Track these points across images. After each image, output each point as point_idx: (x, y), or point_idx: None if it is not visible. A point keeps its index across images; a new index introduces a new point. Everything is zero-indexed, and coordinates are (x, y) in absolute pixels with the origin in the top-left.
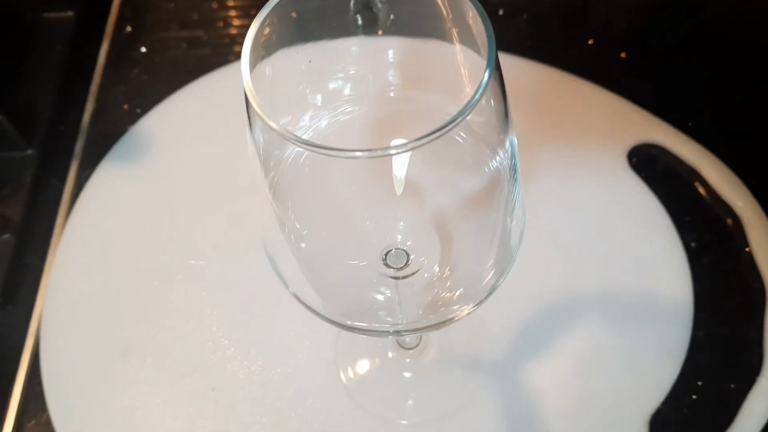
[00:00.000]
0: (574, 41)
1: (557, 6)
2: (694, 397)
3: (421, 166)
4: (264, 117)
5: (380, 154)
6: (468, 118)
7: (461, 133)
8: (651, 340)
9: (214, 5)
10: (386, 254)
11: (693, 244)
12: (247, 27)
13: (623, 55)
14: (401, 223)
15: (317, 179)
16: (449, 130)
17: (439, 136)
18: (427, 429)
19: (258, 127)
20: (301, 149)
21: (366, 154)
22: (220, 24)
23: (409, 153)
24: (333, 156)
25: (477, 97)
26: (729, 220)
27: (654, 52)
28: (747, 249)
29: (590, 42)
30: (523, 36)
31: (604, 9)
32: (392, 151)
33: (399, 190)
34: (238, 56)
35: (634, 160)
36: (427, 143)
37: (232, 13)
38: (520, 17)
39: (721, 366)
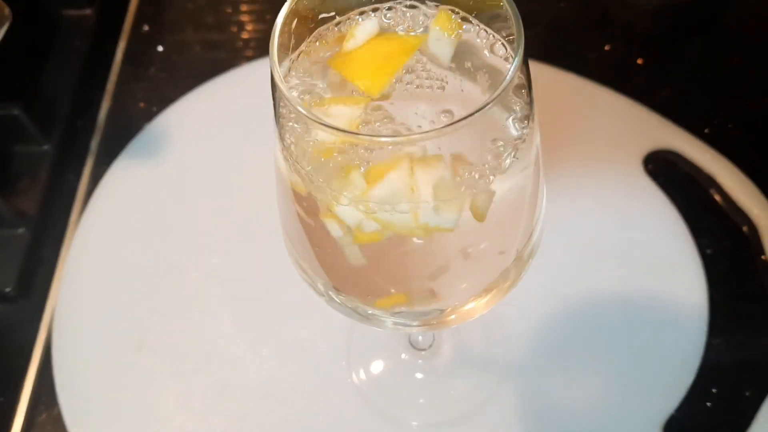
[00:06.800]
0: (591, 47)
1: (575, 12)
2: (708, 404)
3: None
4: (291, 99)
5: (409, 140)
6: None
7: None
8: (666, 346)
9: (229, 9)
10: None
11: (709, 251)
12: (260, 32)
13: (640, 61)
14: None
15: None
16: (486, 110)
17: (466, 121)
18: (439, 431)
19: (283, 112)
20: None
21: (392, 140)
22: (234, 28)
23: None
24: (360, 140)
25: (509, 77)
26: (745, 227)
27: (671, 59)
28: (763, 257)
29: (607, 48)
30: (541, 41)
31: (621, 15)
32: (419, 136)
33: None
34: (250, 59)
35: (650, 166)
36: (460, 127)
37: (246, 18)
38: (539, 23)
39: (736, 373)
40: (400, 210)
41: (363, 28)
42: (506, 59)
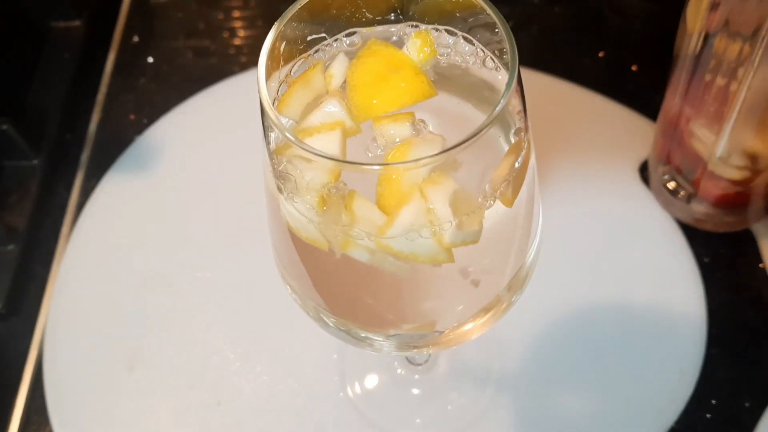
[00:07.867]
0: (585, 53)
1: (568, 18)
2: (708, 415)
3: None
4: (279, 126)
5: (403, 166)
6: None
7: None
8: (664, 357)
9: (221, 16)
10: None
11: (706, 260)
12: (252, 37)
13: (634, 67)
14: None
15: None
16: (481, 135)
17: (465, 146)
18: None
19: (271, 134)
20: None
21: (383, 168)
22: (226, 34)
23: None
24: (350, 169)
25: (503, 101)
26: (742, 236)
27: (665, 65)
28: (761, 265)
29: (601, 54)
30: (534, 48)
31: (615, 21)
32: (409, 164)
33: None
34: (244, 66)
35: (646, 173)
36: (454, 153)
37: (238, 23)
38: (531, 29)
39: (735, 383)
40: (423, 236)
41: (336, 67)
42: (495, 69)
